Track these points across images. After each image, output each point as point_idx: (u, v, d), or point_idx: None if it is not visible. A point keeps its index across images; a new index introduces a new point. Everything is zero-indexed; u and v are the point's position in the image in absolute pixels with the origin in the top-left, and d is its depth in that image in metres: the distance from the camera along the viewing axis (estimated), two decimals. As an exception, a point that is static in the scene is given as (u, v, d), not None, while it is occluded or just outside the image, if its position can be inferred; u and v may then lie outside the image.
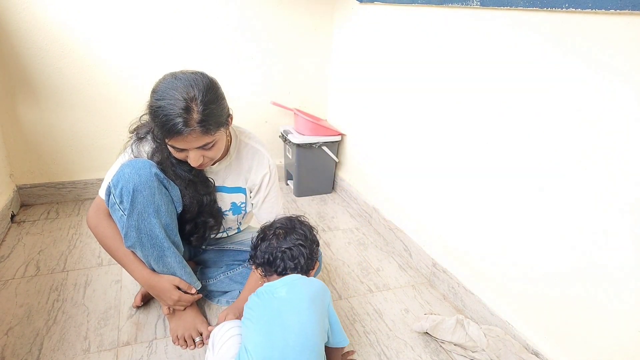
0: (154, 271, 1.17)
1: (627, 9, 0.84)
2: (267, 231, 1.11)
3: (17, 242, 1.70)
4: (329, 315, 1.03)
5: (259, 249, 1.09)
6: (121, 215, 1.09)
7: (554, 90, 1.04)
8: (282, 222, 1.12)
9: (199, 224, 1.24)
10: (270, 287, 1.01)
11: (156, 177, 1.08)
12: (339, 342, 1.05)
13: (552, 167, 1.07)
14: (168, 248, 1.13)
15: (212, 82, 1.04)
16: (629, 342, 0.94)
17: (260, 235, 1.12)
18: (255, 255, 1.10)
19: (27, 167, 1.96)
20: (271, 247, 1.06)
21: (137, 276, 1.18)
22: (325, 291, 1.04)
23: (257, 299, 1.00)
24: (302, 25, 2.18)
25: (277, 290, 0.99)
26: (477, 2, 1.21)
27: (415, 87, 1.60)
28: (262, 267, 1.08)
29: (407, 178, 1.72)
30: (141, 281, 1.18)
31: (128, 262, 1.16)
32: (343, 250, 1.78)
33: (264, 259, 1.06)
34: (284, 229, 1.09)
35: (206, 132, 0.99)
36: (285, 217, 1.15)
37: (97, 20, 1.83)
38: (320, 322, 0.98)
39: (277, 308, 0.96)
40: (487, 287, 1.34)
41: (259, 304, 0.99)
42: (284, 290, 0.99)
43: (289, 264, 1.05)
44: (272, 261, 1.05)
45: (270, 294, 0.99)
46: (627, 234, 0.91)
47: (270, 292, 1.00)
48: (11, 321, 1.27)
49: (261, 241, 1.10)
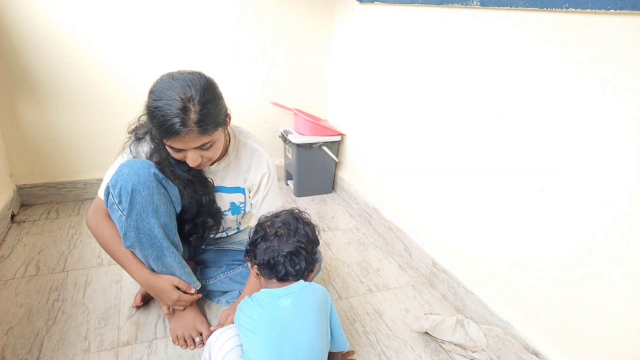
0: (153, 271, 1.17)
1: (627, 9, 0.84)
2: (268, 229, 1.05)
3: (17, 242, 1.70)
4: (331, 320, 1.02)
5: (259, 247, 1.04)
6: (120, 215, 1.09)
7: (553, 90, 1.04)
8: (283, 221, 1.06)
9: (198, 224, 1.24)
10: (272, 295, 0.98)
11: (155, 177, 1.08)
12: (339, 347, 1.05)
13: (551, 167, 1.07)
14: (167, 248, 1.13)
15: (210, 82, 1.03)
16: (629, 342, 0.94)
17: (260, 233, 1.06)
18: (253, 253, 1.05)
19: (27, 167, 1.96)
20: (272, 250, 1.01)
21: (137, 276, 1.17)
22: (326, 297, 1.03)
23: (260, 308, 0.96)
24: (302, 25, 2.18)
25: (281, 300, 0.96)
26: (477, 2, 1.21)
27: (415, 87, 1.60)
28: (261, 268, 1.04)
29: (407, 178, 1.72)
30: (140, 281, 1.18)
31: (127, 263, 1.16)
32: (343, 250, 1.78)
33: (263, 261, 1.02)
34: (286, 229, 1.04)
35: (204, 132, 0.99)
36: (288, 212, 1.09)
37: (97, 20, 1.83)
38: (325, 333, 0.98)
39: (284, 322, 0.93)
40: (487, 287, 1.34)
41: (261, 314, 0.95)
42: (288, 301, 0.96)
43: (290, 270, 1.01)
44: (273, 265, 1.01)
45: (274, 303, 0.96)
46: (627, 234, 0.91)
47: (273, 301, 0.96)
48: (11, 321, 1.27)
49: (261, 240, 1.04)
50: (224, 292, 1.40)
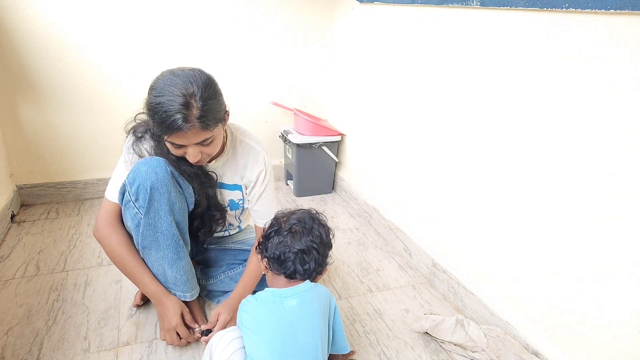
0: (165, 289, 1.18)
1: (627, 9, 0.84)
2: (283, 224, 1.02)
3: (17, 242, 1.70)
4: (334, 323, 1.02)
5: (271, 241, 1.01)
6: (135, 212, 1.09)
7: (553, 90, 1.04)
8: (299, 218, 1.03)
9: (206, 218, 1.25)
10: (278, 295, 0.96)
11: (172, 174, 1.10)
12: (339, 349, 1.05)
13: (551, 167, 1.07)
14: (182, 248, 1.15)
15: (210, 78, 1.04)
16: (629, 342, 0.94)
17: (274, 227, 1.04)
18: (265, 246, 1.03)
19: (27, 167, 1.96)
20: (284, 245, 0.99)
21: (149, 289, 1.17)
22: (330, 299, 1.02)
23: (264, 309, 0.94)
24: (302, 25, 2.18)
25: (287, 300, 0.95)
26: (477, 2, 1.21)
27: (415, 87, 1.60)
28: (270, 262, 1.02)
29: (407, 178, 1.72)
30: (152, 294, 1.18)
31: (142, 274, 1.16)
32: (343, 250, 1.78)
33: (274, 255, 1.00)
34: (300, 227, 1.01)
35: (205, 127, 0.99)
36: (305, 211, 1.07)
37: (97, 20, 1.83)
38: (326, 336, 0.98)
39: (289, 323, 0.92)
40: (487, 287, 1.34)
41: (266, 315, 0.93)
42: (294, 301, 0.95)
43: (299, 268, 0.98)
44: (283, 261, 0.99)
45: (279, 303, 0.95)
46: (628, 234, 0.91)
47: (279, 301, 0.95)
48: (11, 321, 1.27)
49: (275, 234, 1.02)
50: (225, 291, 1.40)
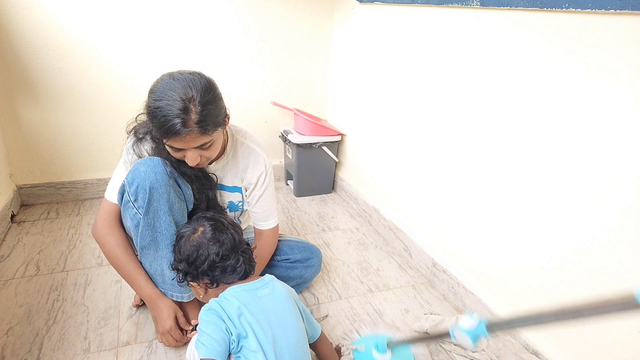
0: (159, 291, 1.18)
1: (627, 9, 0.84)
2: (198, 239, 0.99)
3: (17, 242, 1.70)
4: (299, 306, 1.04)
5: (199, 258, 0.97)
6: (135, 213, 1.10)
7: (553, 90, 1.04)
8: (194, 229, 1.01)
9: None
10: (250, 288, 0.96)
11: (171, 175, 1.10)
12: (315, 328, 1.08)
13: (551, 167, 1.07)
14: None
15: (210, 82, 1.04)
16: (628, 342, 0.94)
17: (195, 250, 0.98)
18: (195, 268, 0.98)
19: (27, 167, 1.96)
20: (217, 253, 0.97)
21: (144, 292, 1.17)
22: (288, 286, 1.06)
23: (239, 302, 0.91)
24: (302, 25, 2.18)
25: (259, 290, 0.97)
26: (477, 2, 1.21)
27: (415, 87, 1.60)
28: (215, 277, 0.98)
29: (407, 178, 1.72)
30: (147, 297, 1.18)
31: (138, 276, 1.16)
32: (343, 250, 1.78)
33: (214, 266, 0.97)
34: (213, 231, 1.00)
35: (204, 132, 0.99)
36: (191, 224, 1.04)
37: (97, 20, 1.83)
38: (302, 317, 1.02)
39: (268, 309, 0.94)
40: (487, 287, 1.34)
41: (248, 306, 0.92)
42: (266, 290, 0.97)
43: (247, 265, 1.01)
44: (227, 265, 0.97)
45: (253, 294, 0.95)
46: (627, 234, 0.91)
47: (252, 293, 0.95)
48: (11, 321, 1.27)
49: (200, 253, 0.97)
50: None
